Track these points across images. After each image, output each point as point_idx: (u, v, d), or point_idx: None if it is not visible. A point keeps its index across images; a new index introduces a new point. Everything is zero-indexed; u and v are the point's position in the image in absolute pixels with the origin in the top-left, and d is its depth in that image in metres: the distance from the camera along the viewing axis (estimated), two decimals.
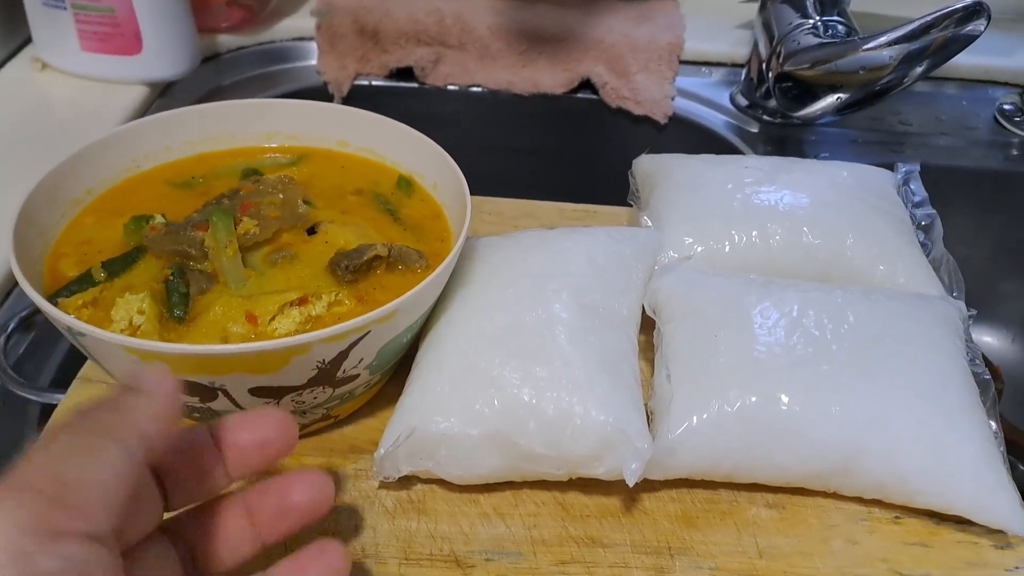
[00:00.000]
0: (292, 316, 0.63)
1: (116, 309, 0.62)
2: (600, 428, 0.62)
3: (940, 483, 0.63)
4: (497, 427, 0.63)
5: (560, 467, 0.64)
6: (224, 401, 0.60)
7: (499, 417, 0.63)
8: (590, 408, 0.63)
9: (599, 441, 0.62)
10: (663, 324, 0.72)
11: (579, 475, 0.65)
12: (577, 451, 0.63)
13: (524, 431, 0.63)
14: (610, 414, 0.63)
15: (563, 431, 0.63)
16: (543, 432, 0.63)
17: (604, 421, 0.62)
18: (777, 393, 0.64)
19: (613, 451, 0.62)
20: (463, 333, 0.68)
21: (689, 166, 0.88)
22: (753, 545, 0.64)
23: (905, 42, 0.94)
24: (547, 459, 0.63)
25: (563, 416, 0.63)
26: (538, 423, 0.63)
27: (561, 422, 0.63)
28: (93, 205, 0.73)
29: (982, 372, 0.71)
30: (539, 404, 0.63)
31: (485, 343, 0.67)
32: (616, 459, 0.62)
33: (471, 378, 0.65)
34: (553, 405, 0.63)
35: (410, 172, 0.79)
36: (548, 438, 0.63)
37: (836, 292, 0.72)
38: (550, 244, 0.75)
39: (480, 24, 1.23)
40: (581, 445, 0.63)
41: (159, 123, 0.77)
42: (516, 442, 0.62)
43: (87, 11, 1.05)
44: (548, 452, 0.63)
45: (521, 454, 0.63)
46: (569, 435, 0.62)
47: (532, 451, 0.63)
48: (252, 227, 0.69)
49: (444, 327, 0.69)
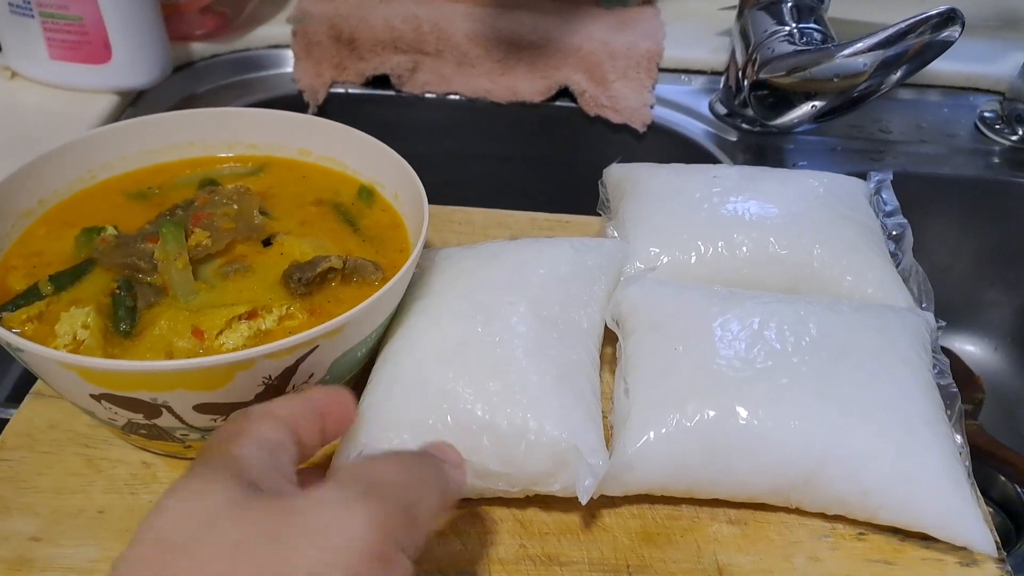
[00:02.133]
0: (240, 330, 0.62)
1: (60, 324, 0.61)
2: (554, 444, 0.61)
3: (902, 498, 0.62)
4: (450, 441, 0.61)
5: (515, 484, 0.63)
6: (169, 418, 0.59)
7: (452, 433, 0.62)
8: (544, 423, 0.62)
9: (553, 457, 0.61)
10: (625, 337, 0.71)
11: (535, 492, 0.63)
12: (531, 467, 0.62)
13: (478, 447, 0.61)
14: (564, 429, 0.62)
15: (517, 447, 0.61)
16: (497, 448, 0.61)
17: (558, 437, 0.61)
18: (736, 407, 0.63)
19: (567, 467, 0.61)
20: (417, 347, 0.67)
21: (658, 176, 0.86)
22: (713, 562, 0.63)
23: (880, 49, 0.93)
24: (501, 476, 0.62)
25: (517, 432, 0.61)
26: (491, 439, 0.62)
27: (515, 438, 0.61)
28: (45, 216, 0.72)
29: (948, 385, 0.69)
30: (493, 419, 0.62)
31: (439, 357, 0.65)
32: (570, 476, 0.61)
33: (424, 393, 0.64)
34: (507, 420, 0.62)
35: (371, 182, 0.78)
36: (502, 454, 0.61)
37: (799, 304, 0.71)
38: (511, 255, 0.74)
39: (458, 31, 1.22)
40: (535, 461, 0.61)
41: (115, 133, 0.76)
42: (469, 459, 0.61)
43: (55, 19, 1.04)
44: (502, 469, 0.62)
45: (475, 471, 0.62)
46: (523, 451, 0.61)
47: (486, 468, 0.62)
48: (204, 239, 0.68)
49: (399, 340, 0.68)
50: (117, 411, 0.58)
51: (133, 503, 0.65)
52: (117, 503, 0.65)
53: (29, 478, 0.66)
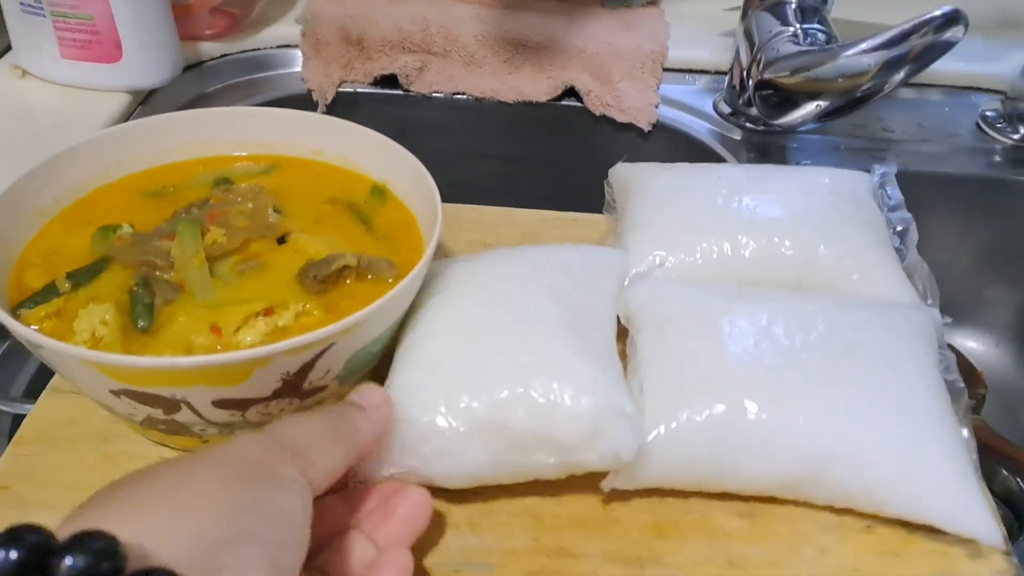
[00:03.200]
0: (258, 327, 0.63)
1: (79, 320, 0.62)
2: (591, 408, 0.61)
3: (909, 492, 0.63)
4: (485, 417, 0.62)
5: (552, 454, 0.62)
6: (188, 413, 0.60)
7: (486, 407, 0.62)
8: (580, 391, 0.62)
9: (591, 421, 0.61)
10: (636, 334, 0.72)
11: (573, 464, 0.63)
12: (569, 435, 0.61)
13: (514, 420, 0.61)
14: (599, 396, 0.62)
15: (553, 416, 0.61)
16: (533, 418, 0.61)
17: (594, 402, 0.61)
18: (744, 402, 0.64)
19: (605, 432, 0.61)
20: (441, 332, 0.67)
21: (663, 176, 0.87)
22: (723, 555, 0.64)
23: (884, 49, 0.94)
24: (538, 447, 0.62)
25: (552, 401, 0.62)
26: (527, 410, 0.62)
27: (550, 407, 0.61)
28: (61, 215, 0.73)
29: (955, 380, 0.70)
30: (527, 391, 0.62)
31: (466, 337, 0.66)
32: (609, 441, 0.61)
33: (454, 371, 0.64)
34: (542, 390, 0.62)
35: (384, 181, 0.78)
36: (538, 424, 0.61)
37: (807, 301, 0.72)
38: (522, 255, 0.75)
39: (465, 32, 1.23)
40: (573, 428, 0.61)
41: (129, 132, 0.77)
42: (506, 430, 0.61)
43: (66, 18, 1.05)
44: (539, 439, 0.62)
45: (511, 444, 0.62)
46: (560, 419, 0.61)
47: (523, 439, 0.62)
48: (220, 237, 0.69)
49: (420, 329, 0.68)
50: (136, 406, 0.59)
51: None
52: None
53: (47, 473, 0.67)
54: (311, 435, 0.54)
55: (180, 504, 0.44)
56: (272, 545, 0.45)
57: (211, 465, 0.48)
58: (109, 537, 0.37)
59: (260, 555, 0.44)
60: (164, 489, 0.46)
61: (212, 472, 0.47)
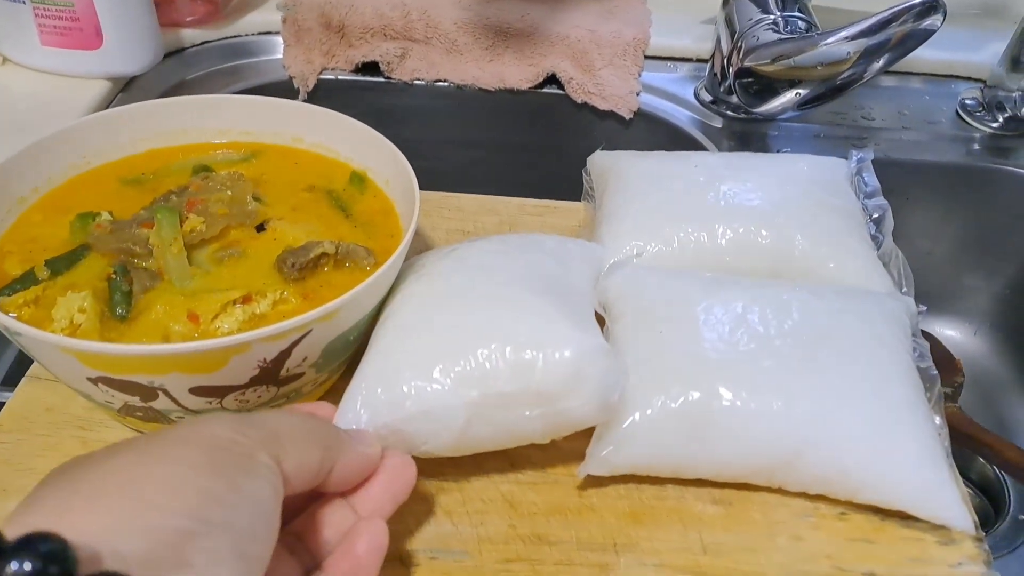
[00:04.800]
0: (235, 314, 0.63)
1: (57, 308, 0.62)
2: (572, 354, 0.61)
3: (882, 479, 0.64)
4: (466, 372, 0.61)
5: (536, 405, 0.62)
6: (165, 400, 0.60)
7: (467, 364, 0.61)
8: (560, 338, 0.61)
9: (573, 366, 0.61)
10: (612, 322, 0.72)
11: (559, 415, 0.62)
12: (552, 382, 0.61)
13: (495, 373, 0.61)
14: (580, 343, 0.62)
15: (535, 365, 0.61)
16: (514, 370, 0.61)
17: (575, 348, 0.61)
18: (719, 389, 0.64)
19: (589, 374, 0.61)
20: (418, 298, 0.67)
21: (641, 164, 0.87)
22: (698, 541, 0.64)
23: (863, 37, 0.94)
24: (522, 399, 0.61)
25: (533, 353, 0.61)
26: (508, 363, 0.61)
27: (531, 358, 0.61)
28: (40, 203, 0.73)
29: (928, 368, 0.71)
30: (507, 343, 0.61)
31: (443, 299, 0.66)
32: (594, 382, 0.61)
33: (434, 331, 0.64)
34: (523, 339, 0.61)
35: (363, 168, 0.79)
36: (520, 375, 0.61)
37: (782, 288, 0.72)
38: (501, 238, 0.75)
39: (446, 19, 1.23)
40: (556, 374, 0.61)
41: (109, 120, 0.77)
42: (488, 383, 0.61)
43: (46, 5, 1.04)
44: (522, 390, 0.61)
45: (494, 399, 0.61)
46: (541, 368, 0.61)
47: (504, 391, 0.61)
48: (198, 224, 0.69)
49: (397, 302, 0.68)
50: (114, 394, 0.60)
51: None
52: None
53: (26, 460, 0.67)
54: (290, 427, 0.52)
55: (142, 493, 0.42)
56: (243, 536, 0.44)
57: (178, 447, 0.46)
58: (58, 539, 0.36)
59: (229, 547, 0.43)
60: (125, 475, 0.43)
61: (179, 455, 0.45)
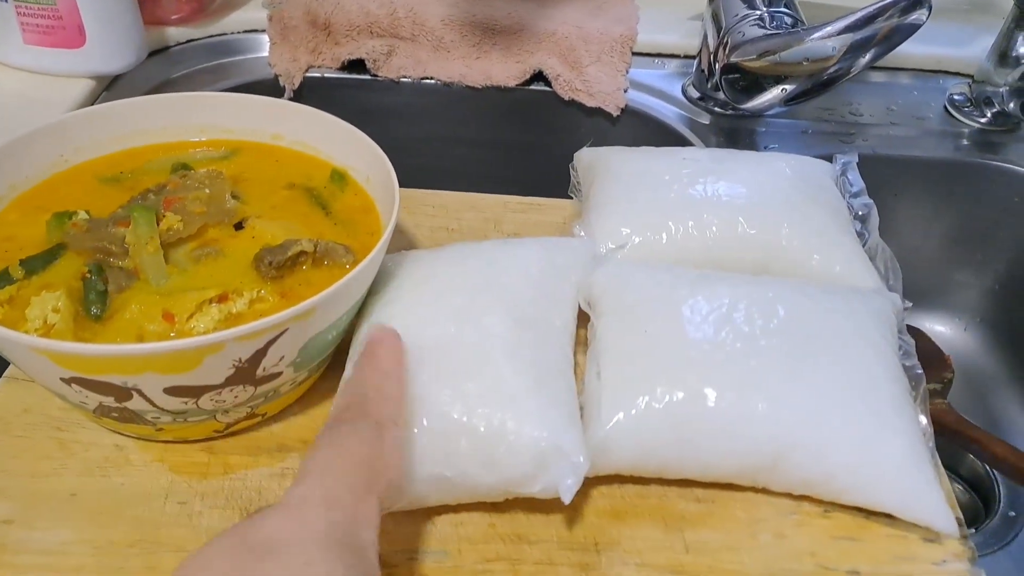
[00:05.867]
0: (211, 314, 0.62)
1: (31, 308, 0.61)
2: (534, 444, 0.61)
3: (867, 481, 0.63)
4: (427, 445, 0.61)
5: (495, 487, 0.62)
6: (140, 401, 0.59)
7: (428, 436, 0.61)
8: (524, 424, 0.61)
9: (534, 458, 0.60)
10: (596, 319, 0.72)
11: (515, 495, 0.63)
12: (511, 470, 0.61)
13: (456, 451, 0.61)
14: (544, 429, 0.61)
15: (496, 449, 0.61)
16: (476, 451, 0.61)
17: (538, 437, 0.61)
18: (704, 389, 0.64)
19: (547, 469, 0.61)
20: None
21: (628, 159, 0.87)
22: (680, 540, 0.64)
23: (849, 32, 0.94)
24: (481, 480, 0.61)
25: (496, 433, 0.61)
26: (470, 441, 0.61)
27: (494, 439, 0.61)
28: (18, 201, 0.72)
29: (913, 366, 0.70)
30: (470, 421, 0.61)
31: (414, 360, 0.65)
32: (552, 476, 0.61)
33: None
34: (485, 422, 0.61)
35: (344, 166, 0.78)
36: (481, 457, 0.61)
37: (768, 286, 0.72)
38: (480, 256, 0.74)
39: (432, 16, 1.22)
40: (515, 463, 0.61)
41: (87, 117, 0.76)
42: (448, 462, 0.61)
43: (29, 3, 1.04)
44: (481, 472, 0.61)
45: (454, 475, 0.61)
46: (503, 452, 0.61)
47: (465, 471, 0.61)
48: (176, 223, 0.68)
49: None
50: (88, 394, 0.59)
51: (106, 486, 0.65)
52: (90, 486, 0.65)
53: (2, 461, 0.66)
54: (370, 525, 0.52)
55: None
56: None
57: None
58: None
59: None
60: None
61: None
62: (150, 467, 0.67)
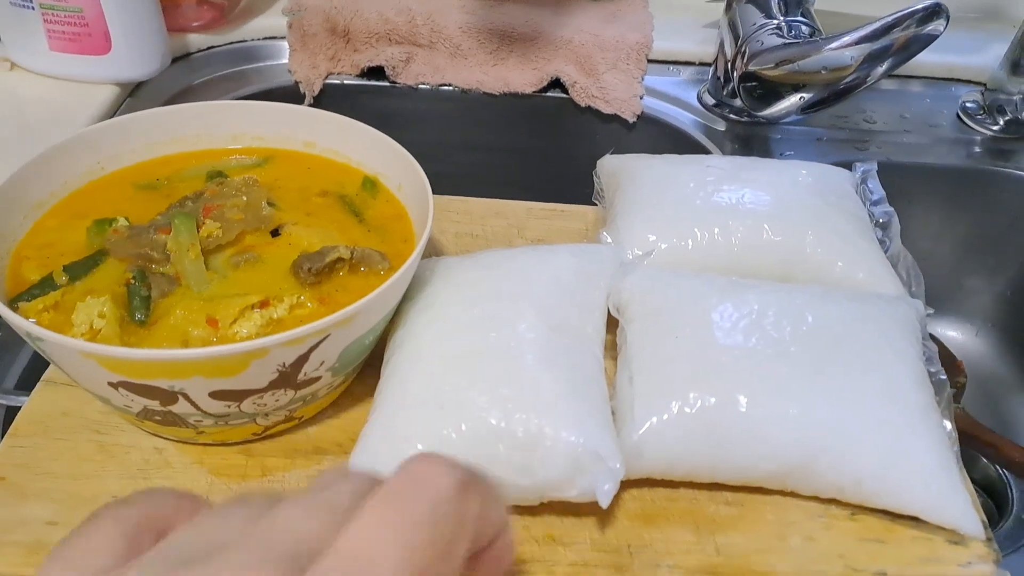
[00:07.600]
0: (253, 319, 0.63)
1: (77, 313, 0.62)
2: (571, 449, 0.61)
3: (894, 486, 0.64)
4: (465, 451, 0.61)
5: (531, 491, 0.63)
6: (185, 404, 0.60)
7: (467, 441, 0.62)
8: (560, 429, 0.62)
9: (570, 462, 0.61)
10: (626, 324, 0.73)
11: (551, 499, 0.64)
12: (548, 474, 0.62)
13: (494, 456, 0.61)
14: (581, 435, 0.62)
15: (533, 454, 0.61)
16: (513, 456, 0.61)
17: (575, 442, 0.61)
18: (736, 395, 0.65)
19: (585, 473, 0.61)
20: (427, 357, 0.67)
21: (652, 166, 0.88)
22: (711, 542, 0.65)
23: (867, 42, 0.95)
24: (518, 484, 0.62)
25: (533, 438, 0.62)
26: (507, 446, 0.62)
27: (531, 444, 0.61)
28: (56, 208, 0.73)
29: (937, 372, 0.71)
30: (508, 426, 0.62)
31: (450, 367, 0.66)
32: (588, 481, 0.62)
33: (436, 403, 0.64)
34: (522, 427, 0.62)
35: (375, 173, 0.79)
36: (518, 461, 0.61)
37: (796, 293, 0.73)
38: (513, 263, 0.75)
39: (451, 23, 1.24)
40: (552, 467, 0.61)
41: (123, 125, 0.78)
42: (485, 467, 0.61)
43: (55, 11, 1.05)
44: (519, 476, 0.62)
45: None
46: (540, 457, 0.61)
47: (501, 475, 0.61)
48: (215, 230, 0.69)
49: (405, 352, 0.68)
50: (134, 398, 0.60)
51: (146, 488, 0.66)
52: (130, 487, 0.66)
53: (44, 464, 0.67)
54: None
55: None
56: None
57: None
58: None
59: None
60: None
61: None
62: (190, 469, 0.68)
